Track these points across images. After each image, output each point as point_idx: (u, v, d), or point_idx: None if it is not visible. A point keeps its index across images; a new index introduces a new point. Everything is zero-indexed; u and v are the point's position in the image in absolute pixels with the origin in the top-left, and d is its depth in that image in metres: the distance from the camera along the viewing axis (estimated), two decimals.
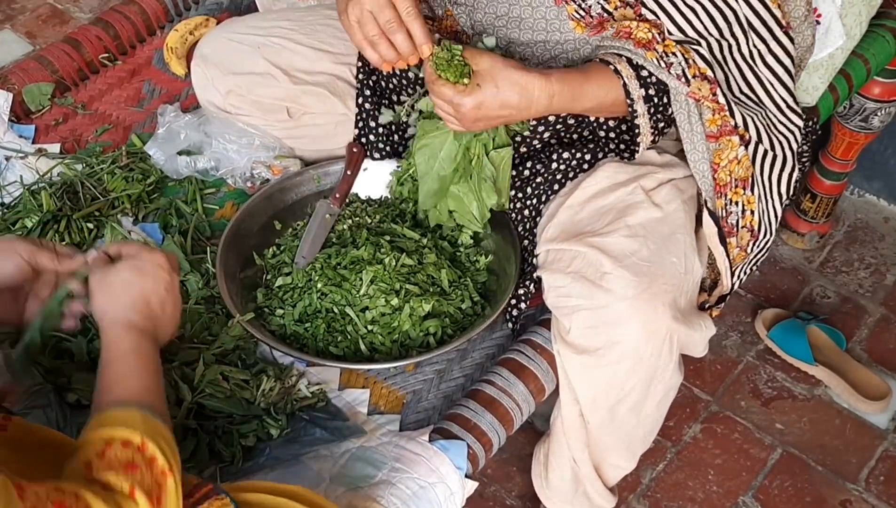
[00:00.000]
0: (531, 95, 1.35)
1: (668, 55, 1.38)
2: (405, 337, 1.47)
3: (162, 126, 1.72)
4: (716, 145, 1.45)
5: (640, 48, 1.38)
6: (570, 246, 1.42)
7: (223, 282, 1.48)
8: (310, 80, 1.67)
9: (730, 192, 1.47)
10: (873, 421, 2.08)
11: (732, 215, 1.48)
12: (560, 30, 1.47)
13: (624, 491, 1.95)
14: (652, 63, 1.38)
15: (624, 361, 1.38)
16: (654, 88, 1.40)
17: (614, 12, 1.42)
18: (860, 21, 1.79)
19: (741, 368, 2.16)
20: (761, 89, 1.46)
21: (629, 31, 1.40)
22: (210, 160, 1.70)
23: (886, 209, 2.49)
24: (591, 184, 1.48)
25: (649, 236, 1.41)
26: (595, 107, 1.42)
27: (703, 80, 1.39)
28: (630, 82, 1.39)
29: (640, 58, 1.38)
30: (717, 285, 1.55)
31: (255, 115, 1.67)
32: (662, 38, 1.39)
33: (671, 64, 1.38)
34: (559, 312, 1.43)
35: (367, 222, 1.60)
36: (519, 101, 1.35)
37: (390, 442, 1.39)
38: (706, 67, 1.39)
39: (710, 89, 1.39)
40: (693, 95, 1.40)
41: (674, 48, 1.38)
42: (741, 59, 1.44)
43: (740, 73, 1.45)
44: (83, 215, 1.62)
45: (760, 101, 1.47)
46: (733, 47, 1.43)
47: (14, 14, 2.88)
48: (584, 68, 1.42)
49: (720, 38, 1.41)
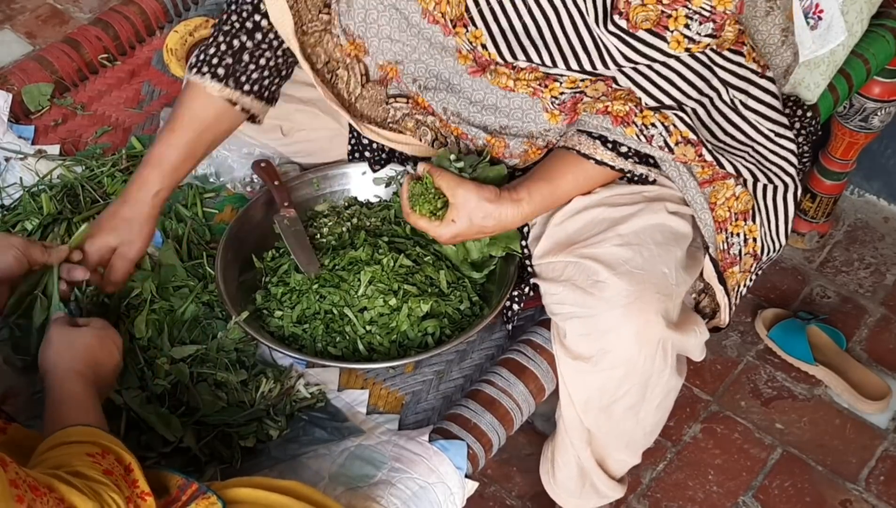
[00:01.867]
0: (505, 222, 1.42)
1: (648, 127, 1.38)
2: (403, 337, 1.47)
3: None
4: (710, 189, 1.47)
5: (619, 124, 1.38)
6: (562, 258, 1.42)
7: (222, 285, 1.48)
8: (302, 97, 1.66)
9: (730, 226, 1.49)
10: (873, 421, 2.08)
11: (734, 247, 1.50)
12: (535, 121, 1.46)
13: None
14: (632, 140, 1.39)
15: (617, 368, 1.39)
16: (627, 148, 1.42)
17: (586, 90, 1.40)
18: (861, 18, 1.79)
19: (741, 368, 2.17)
20: (749, 127, 1.45)
21: (606, 107, 1.39)
22: (210, 166, 1.70)
23: (886, 209, 2.49)
24: (584, 198, 1.47)
25: (643, 245, 1.41)
26: (574, 197, 1.46)
27: (686, 144, 1.39)
28: (597, 153, 1.40)
29: (620, 136, 1.39)
30: (715, 316, 1.56)
31: (248, 133, 1.67)
32: (640, 110, 1.38)
33: (652, 137, 1.38)
34: (556, 317, 1.44)
35: (365, 224, 1.60)
36: (494, 226, 1.42)
37: (390, 441, 1.39)
38: (688, 131, 1.38)
39: (696, 151, 1.39)
40: (679, 160, 1.41)
41: (652, 118, 1.38)
42: (724, 106, 1.42)
43: (725, 119, 1.43)
44: (83, 217, 1.61)
45: (750, 138, 1.46)
46: (714, 99, 1.41)
47: (14, 14, 2.88)
48: (549, 173, 1.44)
49: (700, 96, 1.39)
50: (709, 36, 1.32)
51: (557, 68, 1.37)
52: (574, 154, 1.41)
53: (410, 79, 1.50)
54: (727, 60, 1.39)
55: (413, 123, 1.55)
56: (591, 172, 1.42)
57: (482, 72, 1.42)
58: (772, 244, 1.54)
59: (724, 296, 1.52)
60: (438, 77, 1.47)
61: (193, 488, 1.13)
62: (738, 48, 1.39)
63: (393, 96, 1.55)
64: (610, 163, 1.40)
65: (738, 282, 1.53)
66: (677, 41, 1.32)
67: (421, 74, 1.48)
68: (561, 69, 1.37)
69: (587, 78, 1.38)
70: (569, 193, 1.44)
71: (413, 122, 1.55)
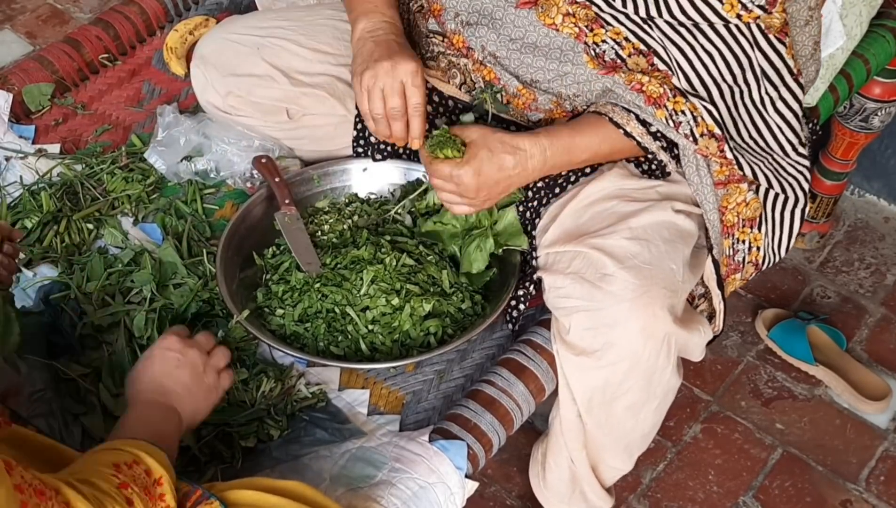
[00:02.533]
0: (524, 153, 1.41)
1: (678, 113, 1.40)
2: (405, 337, 1.47)
3: (161, 127, 1.71)
4: (723, 191, 1.49)
5: (651, 105, 1.40)
6: (571, 247, 1.42)
7: (223, 282, 1.48)
8: (309, 81, 1.66)
9: (737, 232, 1.51)
10: (873, 421, 2.08)
11: (739, 254, 1.52)
12: (573, 61, 1.47)
13: (624, 491, 1.95)
14: (661, 122, 1.41)
15: (622, 362, 1.38)
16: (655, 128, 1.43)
17: (627, 59, 1.44)
18: (860, 21, 1.80)
19: (741, 368, 2.17)
20: (769, 134, 1.48)
21: (641, 85, 1.41)
22: (210, 162, 1.70)
23: (887, 209, 2.49)
24: (597, 190, 1.48)
25: (651, 241, 1.41)
26: (591, 156, 1.46)
27: (710, 137, 1.41)
28: (629, 125, 1.42)
29: (650, 116, 1.41)
30: (712, 320, 1.56)
31: (254, 116, 1.67)
32: (673, 95, 1.40)
33: (680, 123, 1.41)
34: (559, 312, 1.43)
35: (366, 221, 1.60)
36: (514, 161, 1.40)
37: (390, 442, 1.39)
38: (714, 125, 1.41)
39: (718, 147, 1.42)
40: (701, 152, 1.43)
41: (683, 105, 1.40)
42: (751, 105, 1.45)
43: (750, 118, 1.46)
44: (83, 215, 1.62)
45: (768, 145, 1.49)
46: (744, 93, 1.44)
47: (14, 14, 2.88)
48: (572, 122, 1.45)
49: (733, 84, 1.42)
50: (760, 7, 1.36)
51: (615, 3, 1.39)
52: (605, 120, 1.43)
53: (453, 13, 1.51)
54: (770, 45, 1.41)
55: (446, 63, 1.57)
56: (616, 140, 1.43)
57: (533, 4, 1.44)
58: (772, 255, 1.56)
59: (721, 301, 1.52)
60: (481, 12, 1.49)
61: (197, 494, 1.12)
62: (781, 38, 1.42)
63: (432, 32, 1.56)
64: (638, 138, 1.42)
65: (737, 288, 1.54)
66: (731, 4, 1.36)
67: (464, 9, 1.50)
68: (617, 5, 1.39)
69: (631, 40, 1.41)
70: (587, 146, 1.44)
71: (446, 62, 1.57)
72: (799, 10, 1.45)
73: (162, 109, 1.74)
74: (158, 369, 1.26)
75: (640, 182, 1.48)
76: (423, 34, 1.58)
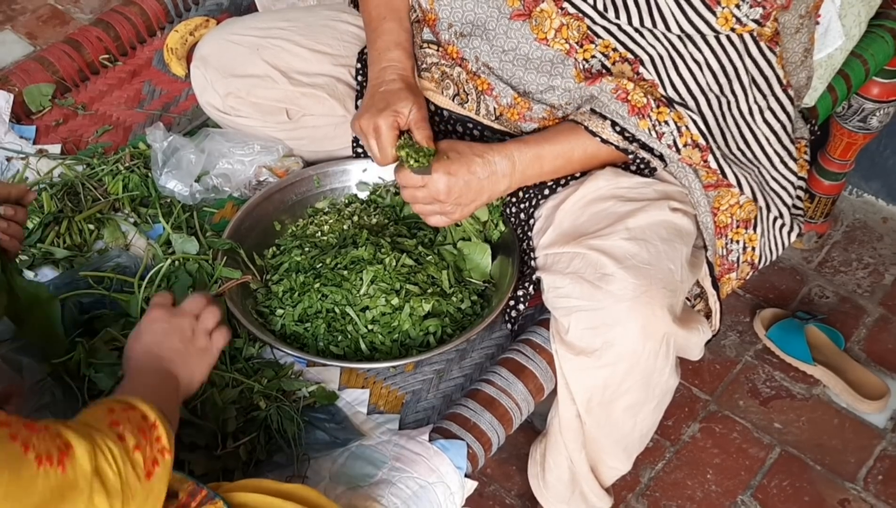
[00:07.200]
0: (492, 159, 1.42)
1: (661, 124, 1.41)
2: (405, 337, 1.47)
3: (159, 152, 1.67)
4: (715, 193, 1.50)
5: (634, 115, 1.41)
6: (570, 249, 1.43)
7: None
8: (309, 82, 1.67)
9: (731, 232, 1.52)
10: (872, 421, 2.08)
11: (733, 253, 1.52)
12: (562, 75, 1.48)
13: (623, 491, 1.95)
14: (644, 133, 1.42)
15: (621, 362, 1.39)
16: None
17: (612, 67, 1.44)
18: (859, 21, 1.80)
19: (740, 367, 2.17)
20: (756, 146, 1.49)
21: (626, 93, 1.41)
22: (217, 178, 1.68)
23: (885, 209, 2.49)
24: (592, 189, 1.48)
25: (649, 240, 1.41)
26: (565, 164, 1.46)
27: (694, 147, 1.42)
28: (604, 133, 1.43)
29: (632, 126, 1.42)
30: (708, 320, 1.57)
31: (253, 116, 1.68)
32: (657, 105, 1.41)
33: (663, 134, 1.41)
34: (558, 312, 1.43)
35: (366, 221, 1.60)
36: (482, 163, 1.42)
37: (390, 441, 1.39)
38: (698, 135, 1.41)
39: (702, 156, 1.43)
40: (684, 161, 1.44)
41: (667, 116, 1.41)
42: (739, 116, 1.46)
43: (738, 129, 1.46)
44: (84, 216, 1.62)
45: (755, 157, 1.49)
46: (732, 104, 1.44)
47: (14, 15, 2.89)
48: (543, 131, 1.47)
49: (720, 94, 1.42)
50: (755, 21, 1.37)
51: (608, 15, 1.40)
52: (580, 127, 1.44)
53: (447, 24, 1.52)
54: (761, 54, 1.42)
55: (439, 73, 1.58)
56: (590, 146, 1.45)
57: (527, 16, 1.45)
58: (769, 254, 1.57)
59: (717, 302, 1.53)
60: (475, 23, 1.50)
61: (203, 494, 1.13)
62: (772, 46, 1.42)
63: (426, 42, 1.57)
64: (615, 143, 1.43)
65: (733, 289, 1.55)
66: (726, 18, 1.37)
67: (458, 19, 1.51)
68: (610, 16, 1.40)
69: (618, 50, 1.42)
70: (560, 155, 1.45)
71: (439, 73, 1.58)
72: (790, 19, 1.46)
73: (152, 133, 1.68)
74: (148, 340, 1.25)
75: (634, 179, 1.49)
76: (418, 44, 1.59)
